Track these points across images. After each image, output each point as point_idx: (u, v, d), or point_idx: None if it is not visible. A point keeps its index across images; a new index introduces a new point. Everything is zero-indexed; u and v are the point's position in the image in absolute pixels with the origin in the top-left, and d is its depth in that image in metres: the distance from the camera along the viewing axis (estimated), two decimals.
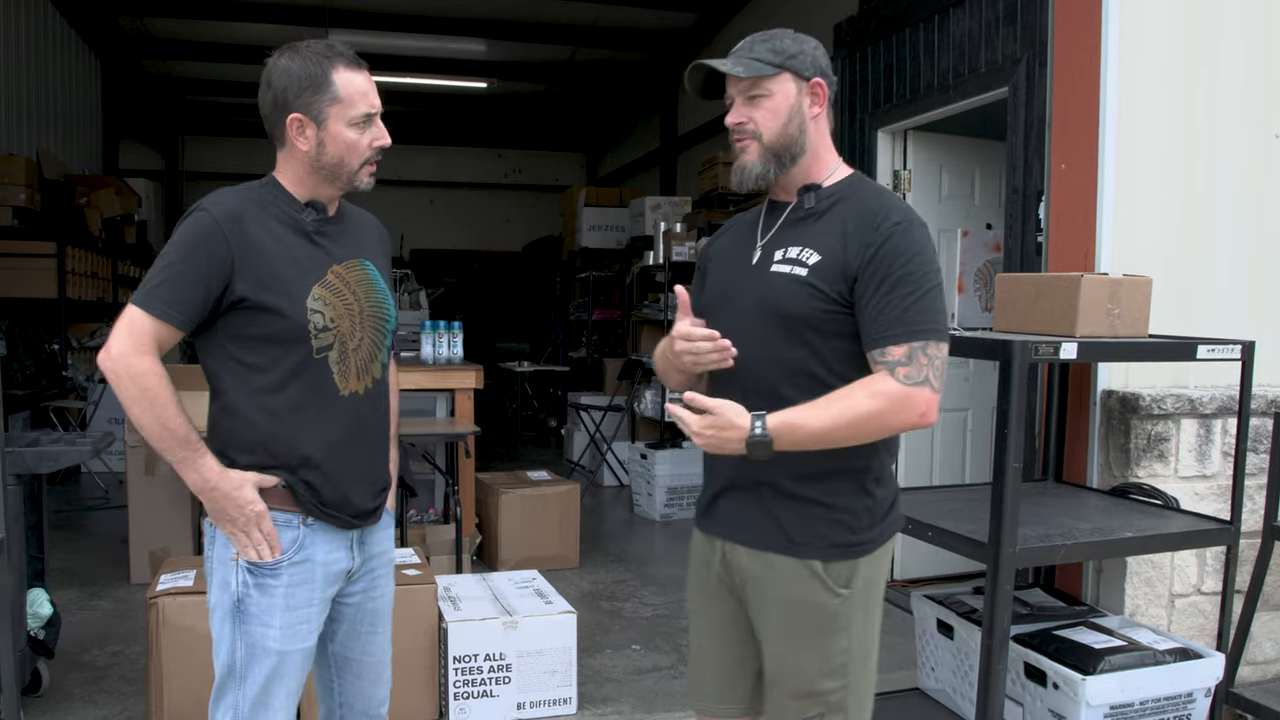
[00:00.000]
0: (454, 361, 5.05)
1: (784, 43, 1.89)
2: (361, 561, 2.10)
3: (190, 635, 3.10)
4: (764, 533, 1.89)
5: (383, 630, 2.20)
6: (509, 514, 5.13)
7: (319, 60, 1.91)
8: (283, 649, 1.96)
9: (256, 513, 1.92)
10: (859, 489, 1.86)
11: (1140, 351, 2.99)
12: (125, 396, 1.86)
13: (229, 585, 1.96)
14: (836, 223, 1.84)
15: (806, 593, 1.86)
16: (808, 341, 1.82)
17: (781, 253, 1.87)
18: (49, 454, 3.14)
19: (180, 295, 1.87)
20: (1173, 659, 2.81)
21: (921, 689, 3.34)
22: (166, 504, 4.88)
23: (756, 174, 1.89)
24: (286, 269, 1.92)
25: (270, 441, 1.93)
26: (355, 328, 2.01)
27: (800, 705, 1.90)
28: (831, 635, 1.87)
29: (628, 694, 3.58)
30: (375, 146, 1.98)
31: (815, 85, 1.89)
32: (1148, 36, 3.43)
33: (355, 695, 2.19)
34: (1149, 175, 3.45)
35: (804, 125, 1.89)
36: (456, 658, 3.27)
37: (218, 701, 2.02)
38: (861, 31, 4.74)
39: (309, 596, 1.98)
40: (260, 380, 1.93)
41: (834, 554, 1.85)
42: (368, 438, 2.07)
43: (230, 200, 1.94)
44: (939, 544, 2.78)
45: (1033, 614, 3.11)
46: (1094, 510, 3.07)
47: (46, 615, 3.35)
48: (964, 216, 4.77)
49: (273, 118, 1.95)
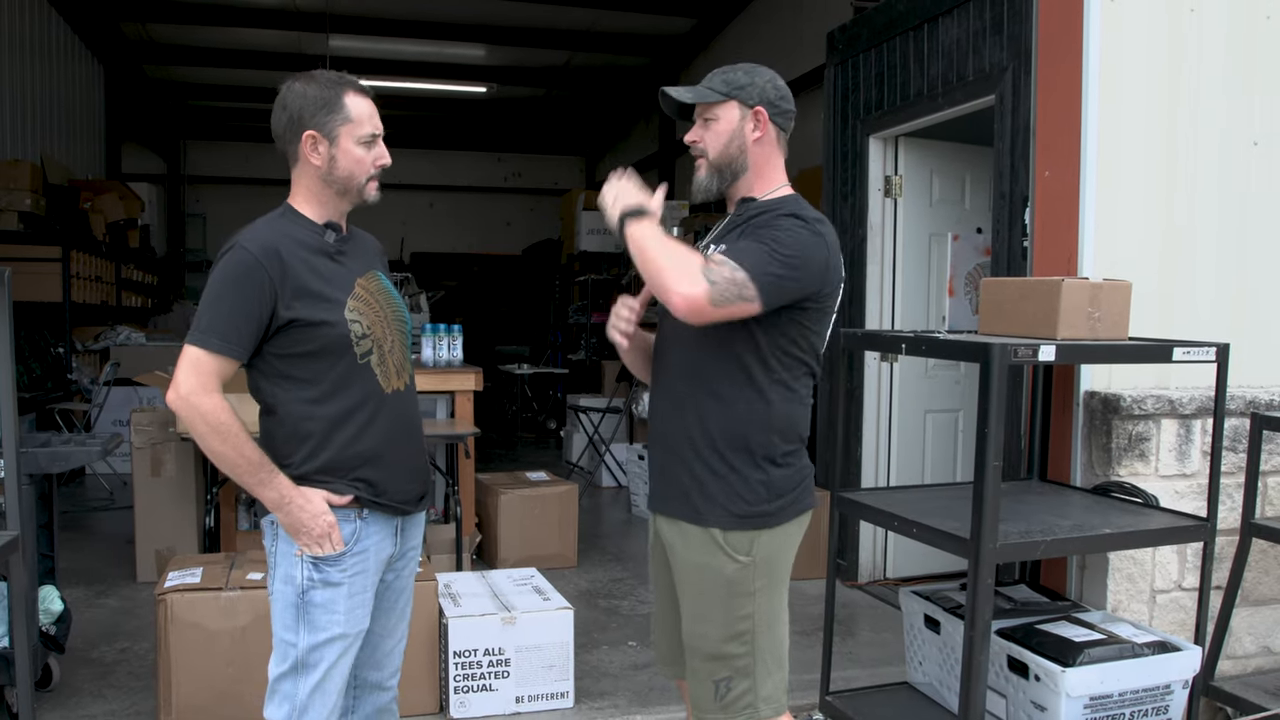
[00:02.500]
0: (454, 364, 5.13)
1: (736, 75, 2.16)
2: (403, 548, 2.28)
3: (198, 631, 3.18)
4: (677, 504, 2.16)
5: (404, 606, 2.36)
6: (508, 514, 5.22)
7: (332, 86, 2.12)
8: (345, 633, 2.13)
9: (329, 523, 2.09)
10: (754, 465, 2.10)
11: (1118, 353, 3.08)
12: (200, 432, 2.02)
13: (294, 579, 2.11)
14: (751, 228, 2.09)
15: (709, 558, 2.11)
16: (716, 328, 2.04)
17: (711, 252, 2.12)
18: (60, 454, 3.24)
19: (236, 330, 2.02)
20: (1151, 652, 2.90)
21: (910, 683, 3.42)
22: (171, 504, 4.97)
23: (704, 186, 2.20)
24: (323, 287, 2.11)
25: (328, 445, 2.10)
26: (386, 332, 2.21)
27: (710, 668, 2.13)
28: (734, 599, 2.10)
29: (624, 688, 3.67)
30: (379, 164, 2.18)
31: (757, 112, 2.14)
32: (1128, 46, 3.52)
33: (370, 665, 2.32)
34: (1130, 181, 3.54)
35: (745, 146, 2.15)
36: (456, 652, 3.35)
37: (275, 688, 2.15)
38: (853, 39, 4.83)
39: (366, 583, 2.17)
40: (312, 392, 2.10)
41: (733, 523, 2.10)
42: (412, 431, 2.27)
43: (263, 234, 2.09)
44: (923, 540, 2.86)
45: (1017, 609, 3.19)
46: (1076, 508, 3.15)
47: (57, 611, 3.44)
48: (955, 221, 4.86)
49: (287, 136, 2.13)
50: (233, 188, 14.62)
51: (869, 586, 4.85)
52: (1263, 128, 3.70)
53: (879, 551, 4.90)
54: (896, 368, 4.82)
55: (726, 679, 2.12)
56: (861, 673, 3.76)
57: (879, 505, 3.09)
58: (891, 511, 2.98)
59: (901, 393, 4.84)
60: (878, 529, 4.74)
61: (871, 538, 4.89)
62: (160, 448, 4.95)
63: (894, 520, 2.96)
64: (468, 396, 5.11)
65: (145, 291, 10.73)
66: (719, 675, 2.12)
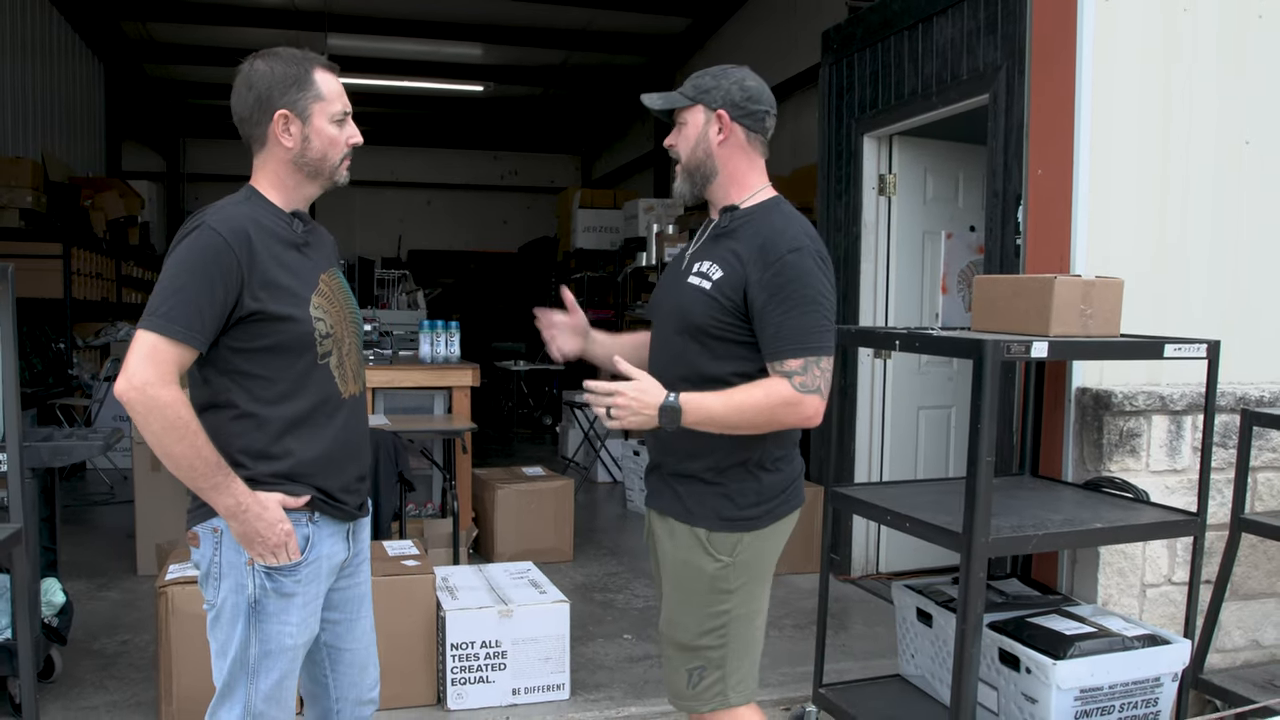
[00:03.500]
0: (451, 360, 5.18)
1: (703, 79, 2.18)
2: (354, 552, 2.20)
3: (198, 622, 3.16)
4: (668, 502, 2.22)
5: (367, 615, 2.27)
6: (505, 508, 5.26)
7: (298, 62, 2.01)
8: (297, 643, 2.04)
9: (286, 531, 1.97)
10: (747, 474, 2.15)
11: (1110, 350, 3.11)
12: (154, 429, 1.84)
13: (244, 588, 1.99)
14: (741, 242, 2.10)
15: (692, 556, 2.17)
16: (704, 344, 2.11)
17: (697, 265, 2.15)
18: (63, 449, 3.27)
19: (199, 316, 1.86)
20: (1141, 645, 2.93)
21: (902, 675, 3.46)
22: (172, 498, 4.99)
23: (679, 191, 2.24)
24: (290, 281, 1.98)
25: (284, 447, 1.99)
26: (345, 334, 2.10)
27: (683, 657, 2.19)
28: (713, 595, 2.15)
29: (619, 680, 3.70)
30: (351, 143, 2.08)
31: (719, 115, 2.14)
32: (1122, 45, 3.55)
33: (349, 685, 2.25)
34: (1123, 180, 3.58)
35: (710, 150, 2.16)
36: (454, 645, 3.39)
37: (225, 699, 2.04)
38: (848, 39, 4.87)
39: (318, 590, 2.08)
40: (269, 390, 1.97)
41: (719, 525, 2.15)
42: (364, 439, 2.18)
43: (232, 215, 1.95)
44: (916, 534, 2.89)
45: (1008, 602, 3.23)
46: (1067, 502, 3.19)
47: (59, 603, 3.48)
48: (948, 219, 4.90)
49: (254, 118, 2.01)
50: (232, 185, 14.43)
51: (862, 581, 4.89)
52: (1254, 127, 3.73)
53: (872, 546, 4.95)
54: (890, 364, 4.86)
55: (699, 668, 2.18)
56: (854, 665, 3.80)
57: (872, 500, 3.13)
58: (885, 506, 3.01)
59: (895, 389, 4.88)
60: (871, 524, 4.79)
61: (864, 532, 4.93)
62: None
63: (887, 514, 2.99)
64: (465, 392, 5.15)
65: (145, 288, 10.75)
66: (692, 665, 2.18)
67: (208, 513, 1.99)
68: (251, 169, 2.11)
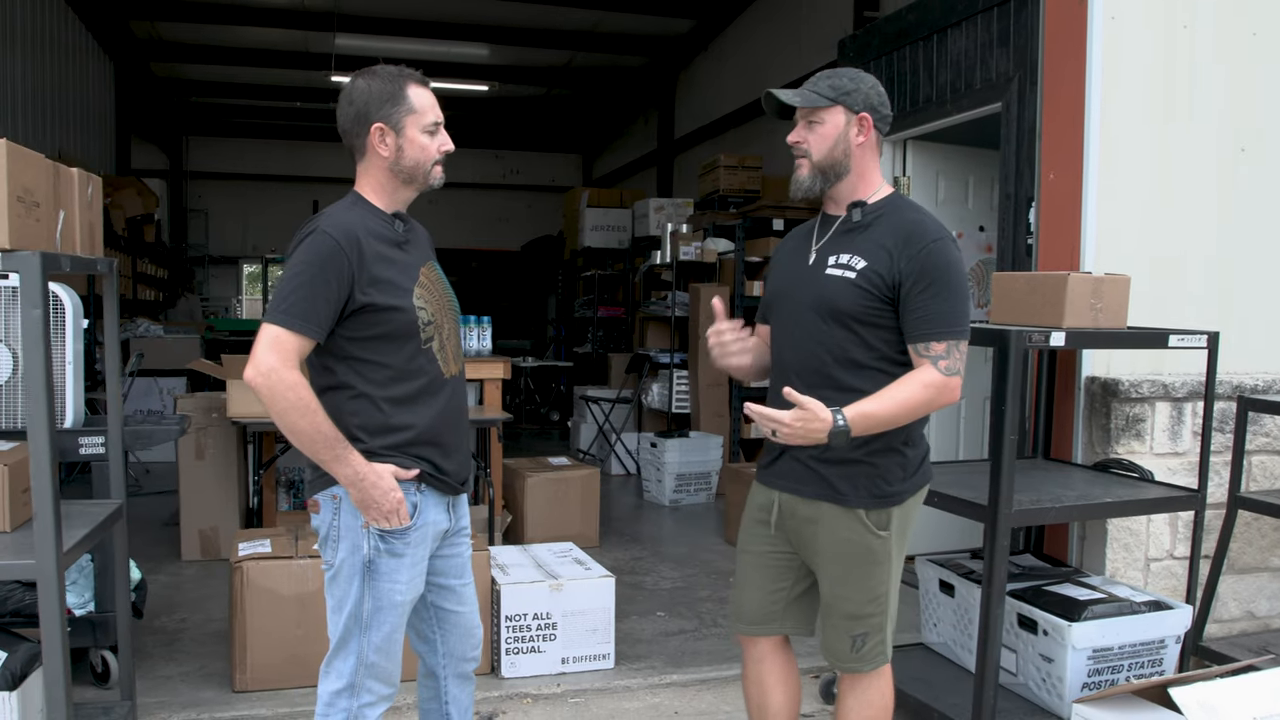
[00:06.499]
0: (483, 353, 5.38)
1: (842, 80, 2.29)
2: (455, 523, 2.42)
3: (271, 596, 3.43)
4: (816, 487, 2.32)
5: (470, 582, 2.50)
6: (534, 496, 5.49)
7: (393, 79, 2.24)
8: (405, 599, 2.27)
9: (398, 499, 2.19)
10: (893, 451, 2.29)
11: (1119, 340, 3.38)
12: (280, 407, 2.07)
13: (360, 549, 2.21)
14: (881, 235, 2.27)
15: (853, 534, 2.30)
16: (852, 330, 2.26)
17: (834, 258, 2.30)
18: (143, 434, 3.48)
19: (316, 310, 2.10)
20: (1148, 609, 3.20)
21: (925, 643, 3.71)
22: (215, 486, 5.21)
23: (805, 186, 2.33)
24: (396, 275, 2.22)
25: (396, 423, 2.21)
26: (444, 320, 2.34)
27: (849, 624, 2.35)
28: (875, 568, 2.31)
29: (658, 652, 3.95)
30: (443, 150, 2.31)
31: (862, 118, 2.28)
32: (1127, 59, 3.81)
33: (456, 642, 2.47)
34: (1129, 184, 3.83)
35: (849, 150, 2.29)
36: (508, 616, 3.62)
37: (340, 650, 2.25)
38: (864, 47, 5.11)
39: (424, 553, 2.30)
40: (381, 373, 2.20)
41: (874, 503, 2.29)
42: (464, 414, 2.42)
43: (343, 220, 2.18)
44: (944, 508, 3.15)
45: (1024, 574, 3.49)
46: (1079, 481, 3.45)
47: (137, 579, 3.69)
48: (959, 220, 5.15)
49: (354, 130, 2.23)
50: (234, 183, 14.82)
51: None
52: (1249, 134, 4.00)
53: None
54: None
55: (863, 634, 2.34)
56: None
57: None
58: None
59: None
60: None
61: None
62: (203, 432, 5.19)
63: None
64: (496, 384, 5.36)
65: (157, 285, 10.92)
66: (856, 631, 2.34)
67: (327, 481, 2.23)
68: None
